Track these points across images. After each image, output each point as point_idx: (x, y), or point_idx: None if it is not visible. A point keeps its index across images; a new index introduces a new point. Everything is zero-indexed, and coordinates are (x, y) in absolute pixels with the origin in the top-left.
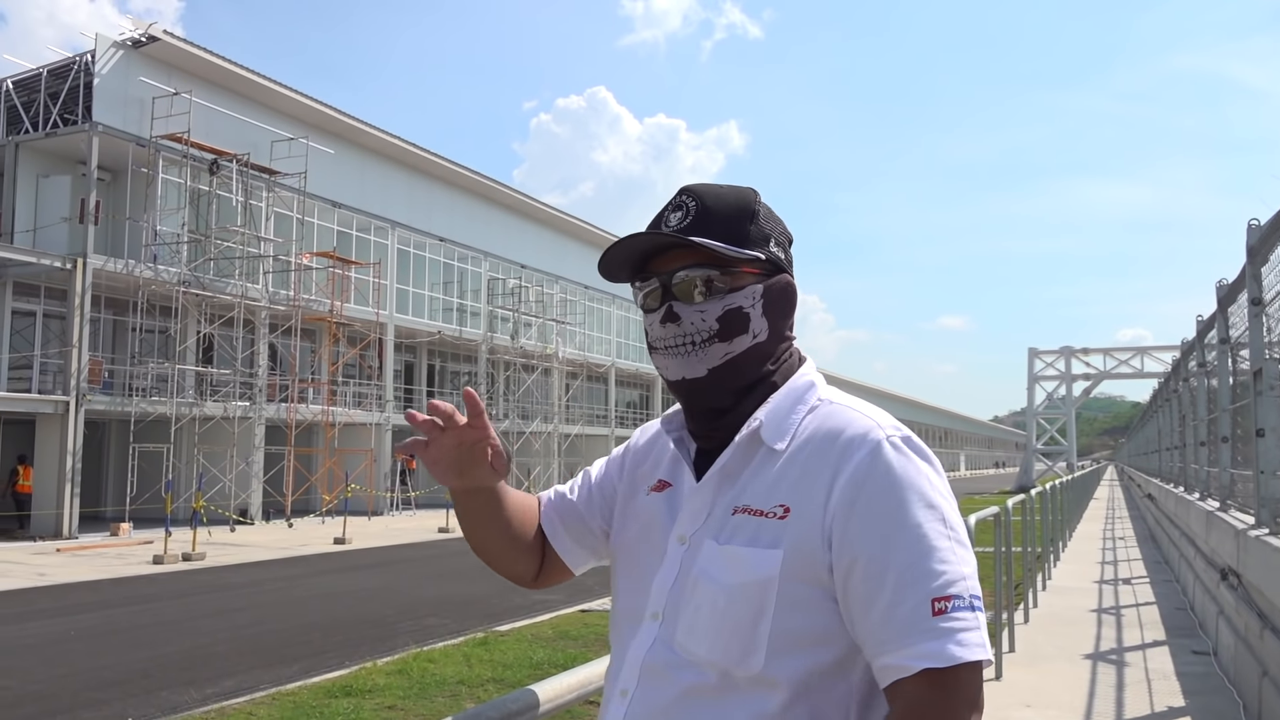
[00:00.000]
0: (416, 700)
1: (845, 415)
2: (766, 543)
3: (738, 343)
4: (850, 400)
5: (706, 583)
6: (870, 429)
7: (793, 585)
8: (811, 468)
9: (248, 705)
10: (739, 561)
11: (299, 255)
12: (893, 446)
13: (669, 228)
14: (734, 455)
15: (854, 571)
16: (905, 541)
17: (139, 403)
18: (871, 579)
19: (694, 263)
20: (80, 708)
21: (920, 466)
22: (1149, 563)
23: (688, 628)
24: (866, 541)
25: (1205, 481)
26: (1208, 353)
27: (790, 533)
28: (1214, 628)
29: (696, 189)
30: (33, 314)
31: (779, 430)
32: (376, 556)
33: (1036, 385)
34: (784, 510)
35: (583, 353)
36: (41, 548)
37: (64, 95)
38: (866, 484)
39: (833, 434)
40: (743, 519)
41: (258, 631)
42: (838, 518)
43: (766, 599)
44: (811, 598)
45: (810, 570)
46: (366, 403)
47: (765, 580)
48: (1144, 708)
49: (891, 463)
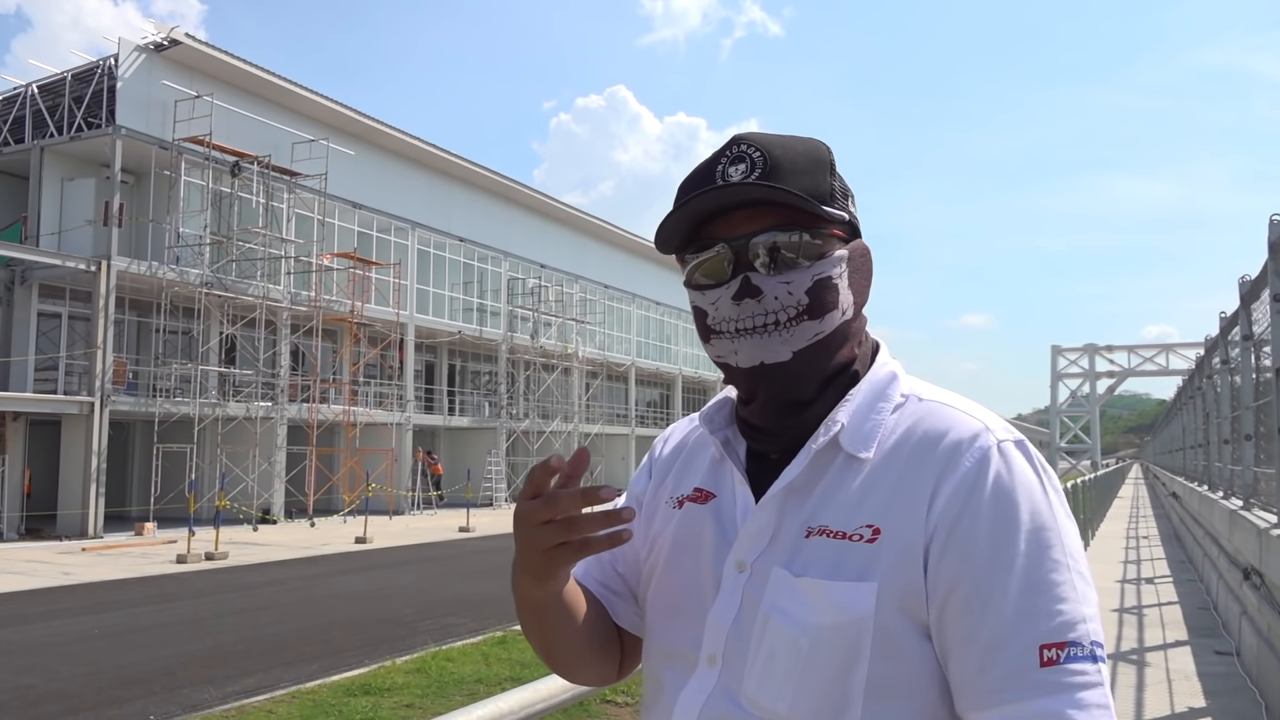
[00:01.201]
0: (434, 699)
1: (945, 414)
2: (854, 573)
3: (828, 320)
4: (945, 395)
5: (782, 622)
6: (979, 431)
7: (892, 623)
8: (908, 479)
9: (268, 703)
10: (822, 596)
11: (320, 256)
12: (1005, 454)
13: (729, 182)
14: (807, 465)
15: (950, 603)
16: (1014, 570)
17: (163, 403)
18: (970, 614)
19: (774, 224)
20: (103, 705)
21: (1042, 479)
22: (1172, 562)
23: (760, 678)
24: (968, 567)
25: (1229, 480)
26: (1231, 350)
27: (884, 559)
28: (1237, 628)
29: (755, 137)
30: (58, 316)
31: (863, 434)
32: (397, 556)
33: (1060, 383)
34: (873, 532)
35: (603, 352)
36: (67, 547)
37: (88, 99)
38: (973, 498)
39: (931, 438)
40: (821, 542)
41: (279, 630)
42: (938, 536)
43: (861, 643)
44: (916, 638)
45: (911, 604)
46: (387, 403)
47: (859, 620)
48: (1164, 708)
49: (1004, 474)
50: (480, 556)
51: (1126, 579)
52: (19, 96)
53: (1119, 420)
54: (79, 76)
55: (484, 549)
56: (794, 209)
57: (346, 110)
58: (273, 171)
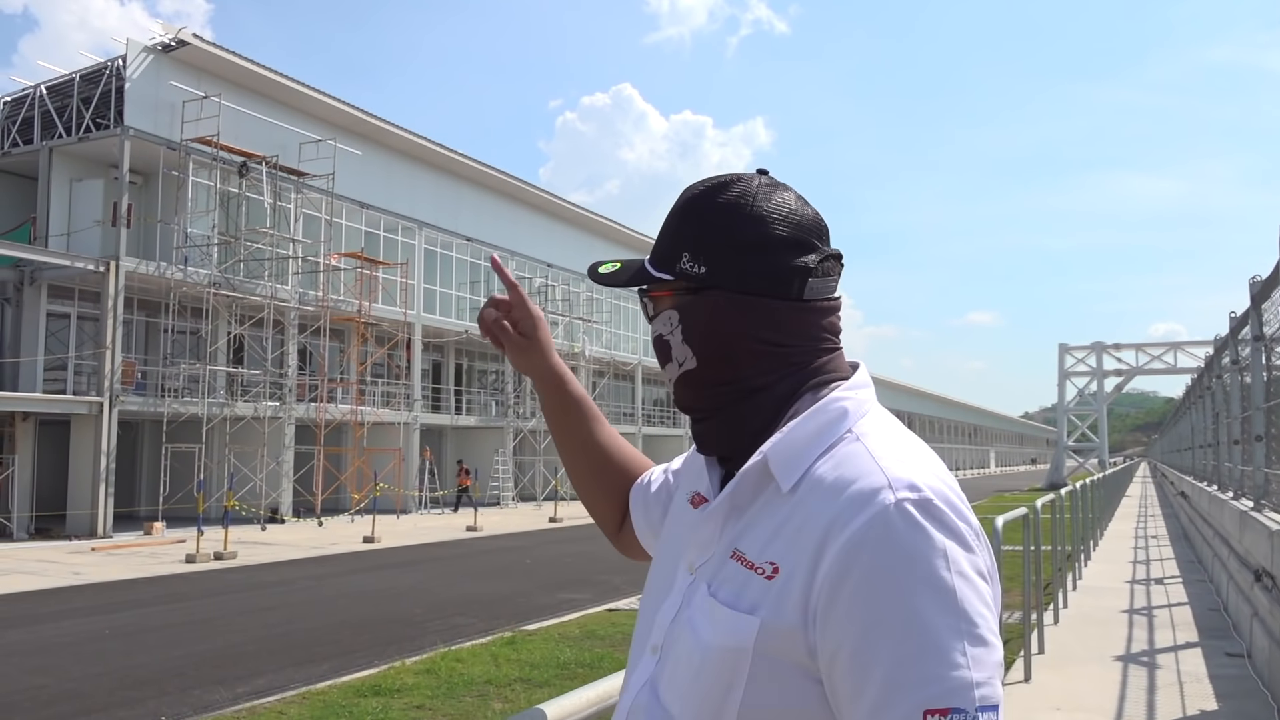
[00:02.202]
0: (445, 700)
1: (860, 462)
2: (747, 605)
3: (668, 370)
4: (882, 440)
5: (689, 635)
6: (880, 488)
7: (768, 660)
8: (809, 525)
9: (278, 704)
10: (718, 620)
11: (327, 256)
12: (902, 513)
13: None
14: (741, 485)
15: (837, 662)
16: (899, 634)
17: (171, 403)
18: (855, 674)
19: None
20: (115, 706)
21: (937, 540)
22: (1182, 562)
23: (669, 679)
24: (852, 628)
25: (1239, 480)
26: (1241, 349)
27: (773, 598)
28: (1248, 630)
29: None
30: (67, 316)
31: (788, 467)
32: (405, 555)
33: (1067, 381)
34: (773, 569)
35: (609, 351)
36: (77, 547)
37: (96, 100)
38: (858, 558)
39: (839, 485)
40: (735, 568)
41: (288, 630)
42: (823, 594)
43: (739, 670)
44: (790, 678)
45: (787, 647)
46: (395, 402)
47: (738, 649)
48: (1176, 711)
49: (895, 534)
50: (488, 556)
51: (1136, 579)
52: (27, 97)
53: (1126, 418)
54: (87, 77)
55: (492, 548)
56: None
57: (354, 110)
58: (280, 171)
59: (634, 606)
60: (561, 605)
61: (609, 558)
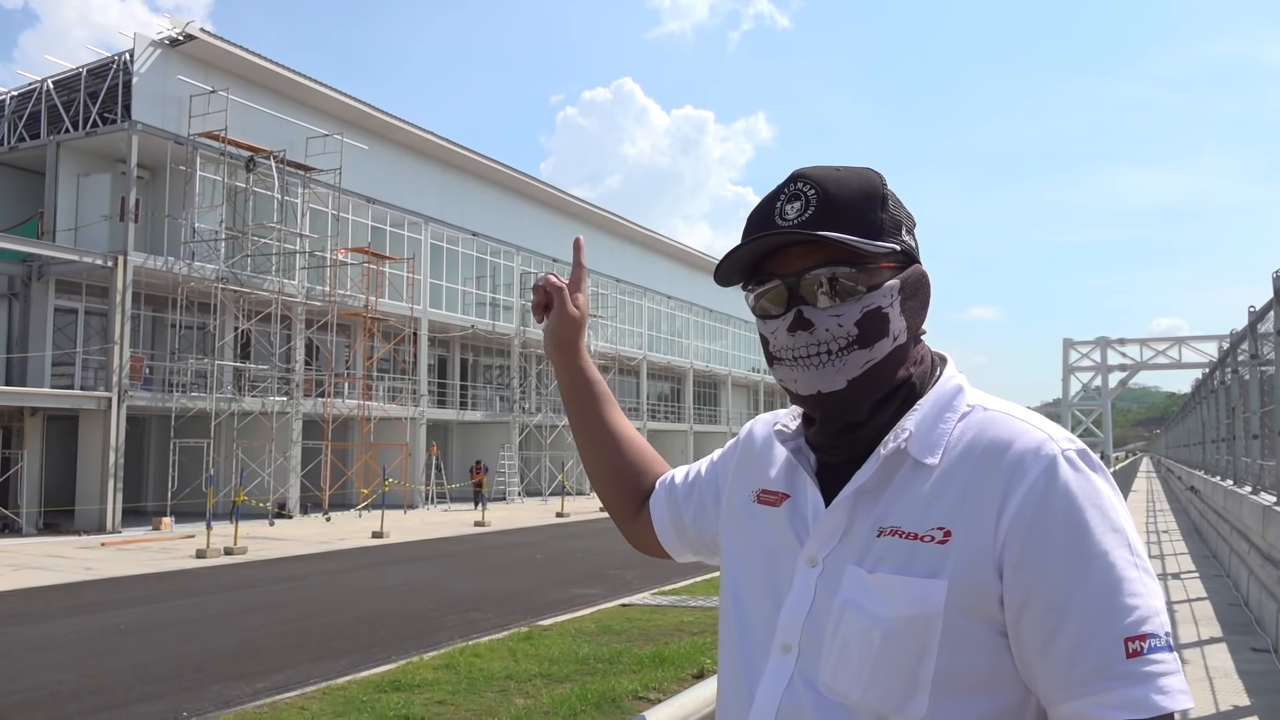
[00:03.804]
0: (466, 695)
1: (1009, 425)
2: (924, 570)
3: (879, 348)
4: (1008, 406)
5: (856, 615)
6: (1043, 442)
7: (959, 620)
8: (976, 486)
9: (299, 699)
10: (895, 591)
11: (334, 251)
12: (1070, 463)
13: (786, 221)
14: (876, 470)
15: (1030, 605)
16: (1092, 572)
17: (179, 398)
18: (1052, 613)
19: (824, 260)
20: (134, 702)
21: (1101, 485)
22: (1196, 557)
23: (835, 666)
24: (1047, 572)
25: (1258, 475)
26: (1262, 344)
27: (954, 560)
28: (1273, 624)
29: (813, 174)
30: (74, 311)
31: (929, 442)
32: (415, 550)
33: (1072, 376)
34: (944, 534)
35: (614, 346)
36: (86, 542)
37: (103, 95)
38: (1044, 506)
39: (998, 447)
40: (892, 542)
41: (304, 626)
42: (1011, 544)
43: (930, 636)
44: (981, 634)
45: (979, 603)
46: (401, 397)
47: (929, 614)
48: (1209, 707)
49: (1071, 482)
50: (498, 551)
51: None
52: (34, 92)
53: (1128, 413)
54: (94, 72)
55: (501, 544)
56: (842, 245)
57: (360, 105)
58: (287, 166)
59: (648, 602)
60: (575, 600)
61: (619, 553)
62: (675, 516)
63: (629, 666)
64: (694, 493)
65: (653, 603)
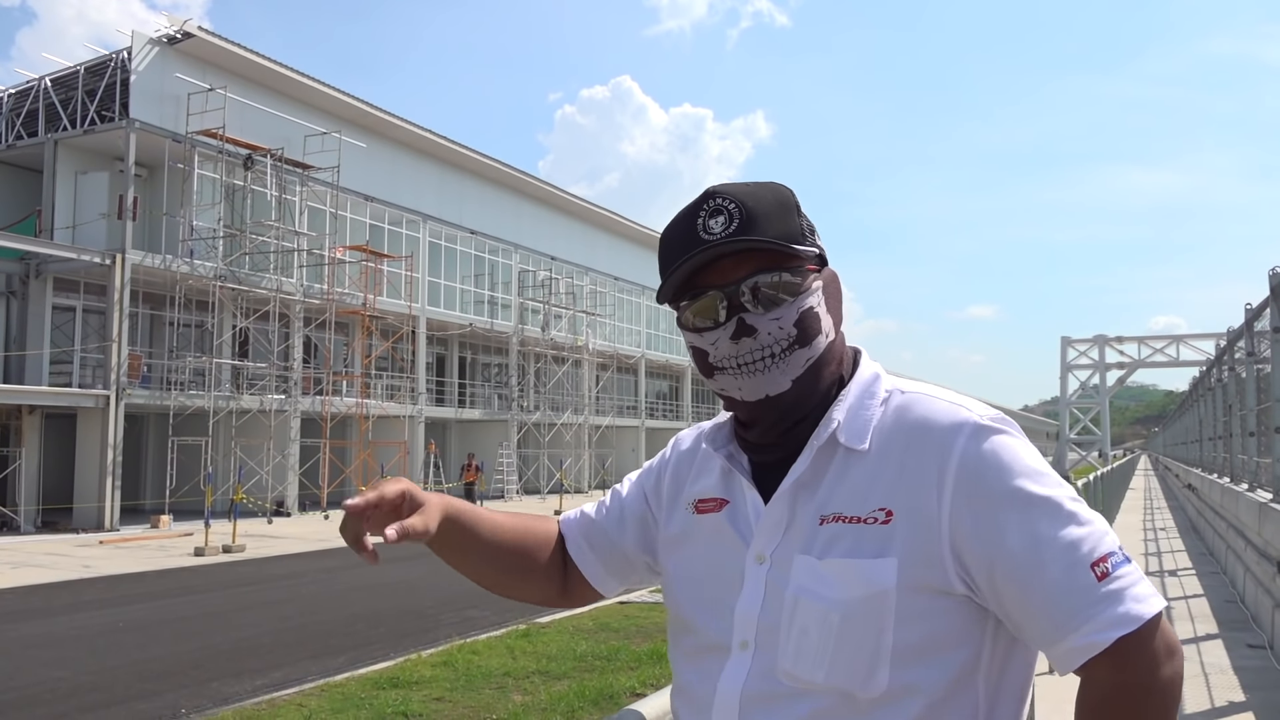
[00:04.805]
0: (464, 692)
1: (929, 404)
2: (872, 551)
3: (816, 345)
4: (923, 386)
5: (811, 601)
6: (961, 415)
7: (911, 593)
8: (909, 464)
9: (298, 696)
10: (847, 574)
11: (332, 249)
12: (991, 427)
13: (712, 235)
14: (811, 462)
15: (997, 566)
16: (1040, 517)
17: (177, 396)
18: (1020, 568)
19: (756, 268)
20: (134, 699)
21: (1019, 444)
22: (1193, 554)
23: (794, 653)
24: (1001, 532)
25: (1254, 472)
26: (1259, 341)
27: (899, 538)
28: (1269, 621)
29: (728, 190)
30: (73, 309)
31: (857, 429)
32: (414, 548)
33: (1070, 374)
34: (886, 514)
35: (612, 344)
36: (84, 540)
37: (100, 92)
38: (981, 471)
39: (922, 425)
40: (836, 528)
41: (302, 623)
42: (958, 517)
43: (885, 612)
44: (932, 605)
45: (931, 575)
46: (399, 395)
47: (883, 591)
48: (1204, 702)
49: (998, 444)
50: None
51: (1149, 572)
52: (32, 90)
53: (1126, 411)
54: (91, 70)
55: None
56: (772, 253)
57: (358, 103)
58: (285, 164)
59: (645, 599)
60: None
61: None
62: (607, 554)
63: (627, 663)
64: (625, 519)
65: (650, 600)
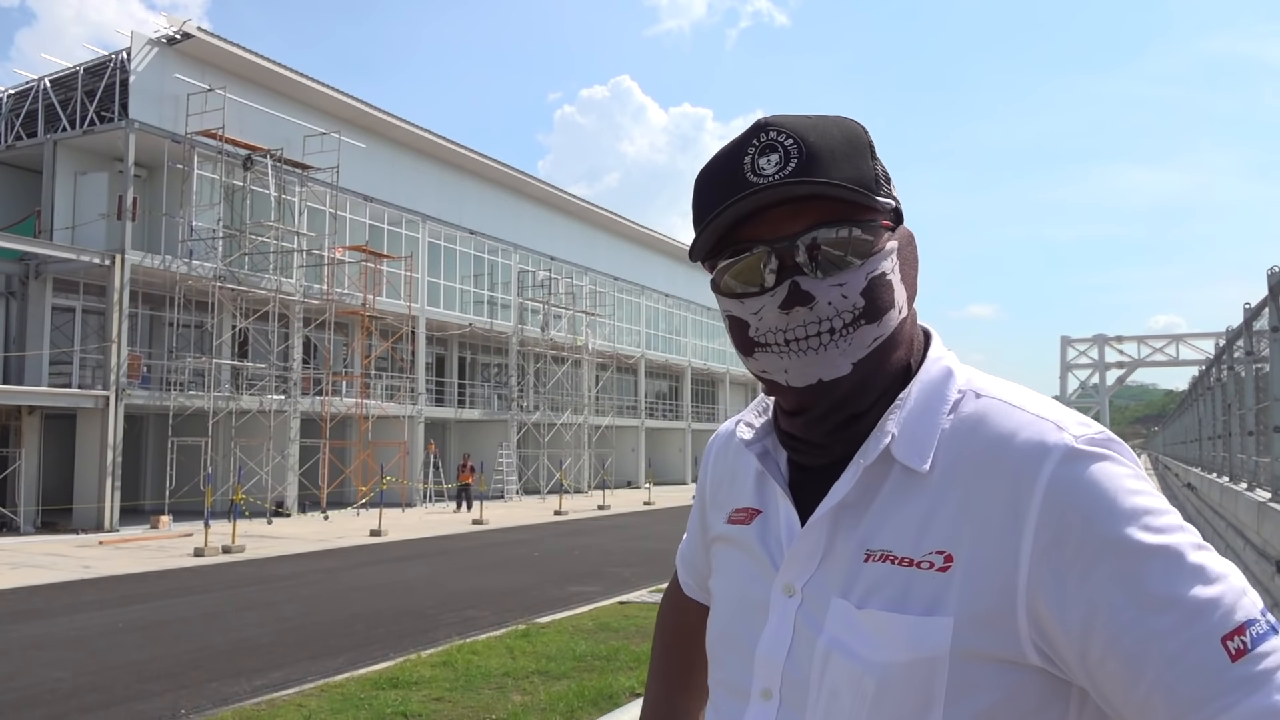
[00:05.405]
0: (463, 692)
1: (1007, 416)
2: (923, 606)
3: (887, 321)
4: (1005, 389)
5: (845, 660)
6: (1049, 433)
7: (970, 662)
8: (976, 497)
9: (297, 697)
10: (889, 631)
11: (332, 249)
12: (1086, 455)
13: (763, 177)
14: (857, 481)
15: (1095, 635)
16: (1153, 574)
17: (177, 397)
18: (1125, 640)
19: (817, 220)
20: (133, 699)
21: (1129, 470)
22: None
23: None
24: (1100, 593)
25: (1254, 471)
26: (1258, 340)
27: (958, 591)
28: None
29: (786, 122)
30: (72, 310)
31: (918, 443)
32: (413, 548)
33: (1069, 373)
34: (944, 559)
35: (612, 344)
36: (84, 540)
37: (100, 93)
38: (1073, 511)
39: (998, 445)
40: (883, 570)
41: (302, 623)
42: (1040, 567)
43: (933, 683)
44: (998, 677)
45: (996, 641)
46: (399, 395)
47: (932, 658)
48: None
49: (1098, 474)
50: (496, 549)
51: None
52: (31, 90)
53: (1126, 410)
54: (91, 70)
55: (499, 541)
56: (838, 202)
57: (358, 103)
58: (285, 165)
59: (645, 600)
60: (572, 598)
61: (617, 551)
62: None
63: (626, 663)
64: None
65: (650, 600)
